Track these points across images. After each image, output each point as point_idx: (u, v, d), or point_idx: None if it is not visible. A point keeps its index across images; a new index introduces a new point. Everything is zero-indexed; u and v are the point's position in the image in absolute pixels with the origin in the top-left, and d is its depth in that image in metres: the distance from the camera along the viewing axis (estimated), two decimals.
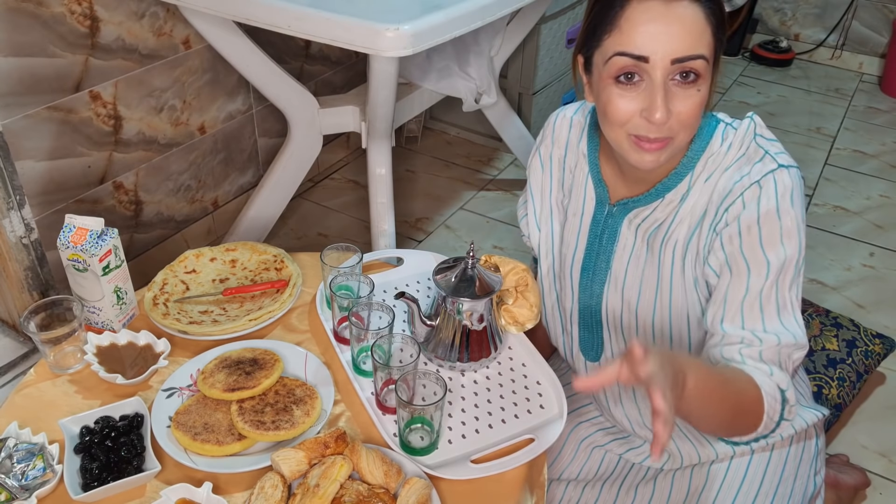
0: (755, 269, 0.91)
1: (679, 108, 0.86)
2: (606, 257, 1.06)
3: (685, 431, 1.11)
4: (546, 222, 1.15)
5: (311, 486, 0.90)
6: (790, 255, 0.91)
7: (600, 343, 1.12)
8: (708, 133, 0.97)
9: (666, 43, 0.84)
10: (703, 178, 0.96)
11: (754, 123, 0.96)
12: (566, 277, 1.12)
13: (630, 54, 0.85)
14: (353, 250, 1.23)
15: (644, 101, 0.87)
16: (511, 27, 2.17)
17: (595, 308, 1.10)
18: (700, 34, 0.85)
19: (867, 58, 3.50)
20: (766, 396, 0.89)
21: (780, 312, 0.92)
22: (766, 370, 0.90)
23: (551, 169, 1.13)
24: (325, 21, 1.31)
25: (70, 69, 1.62)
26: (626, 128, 0.90)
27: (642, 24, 0.85)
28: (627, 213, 1.03)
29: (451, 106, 2.66)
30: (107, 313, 1.15)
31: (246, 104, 2.15)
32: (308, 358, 1.13)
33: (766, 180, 0.90)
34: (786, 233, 0.90)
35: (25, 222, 1.60)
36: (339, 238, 2.28)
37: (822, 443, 1.15)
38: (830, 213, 2.49)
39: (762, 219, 0.90)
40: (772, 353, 0.91)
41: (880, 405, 1.75)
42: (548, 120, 1.15)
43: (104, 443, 0.96)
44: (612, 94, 0.89)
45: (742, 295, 0.92)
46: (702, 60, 0.85)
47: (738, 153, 0.95)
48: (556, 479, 1.19)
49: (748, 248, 0.91)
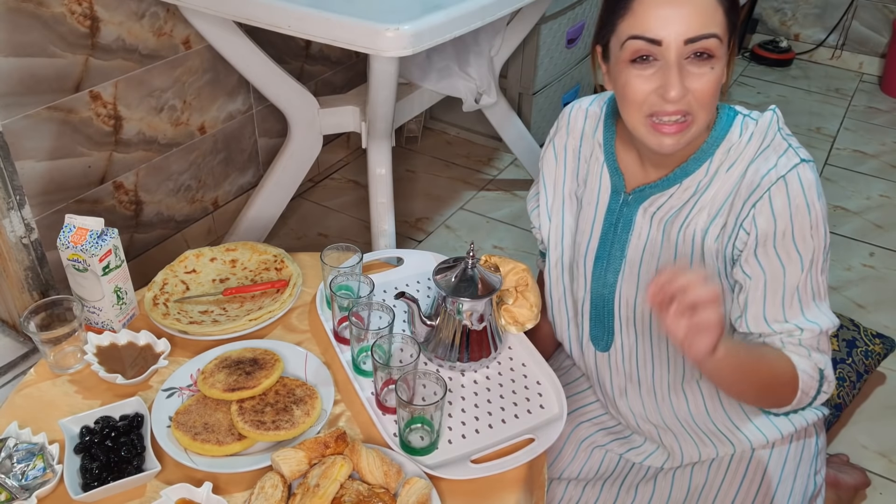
0: (790, 267, 0.94)
1: (694, 85, 0.88)
2: (621, 246, 1.07)
3: (687, 428, 1.11)
4: (557, 213, 1.16)
5: (311, 486, 0.90)
6: (819, 246, 0.95)
7: (611, 333, 1.12)
8: (727, 122, 0.98)
9: (678, 24, 0.86)
10: (724, 167, 0.97)
11: (776, 116, 0.98)
12: (579, 267, 1.13)
13: (643, 37, 0.87)
14: (353, 250, 1.23)
15: (660, 80, 0.88)
16: (511, 27, 2.17)
17: (608, 297, 1.10)
18: (712, 13, 0.87)
19: (867, 58, 3.50)
20: (801, 374, 0.95)
21: (815, 298, 0.97)
22: (805, 352, 0.96)
23: (565, 159, 1.14)
24: (325, 21, 1.31)
25: (70, 69, 1.62)
26: (644, 108, 0.91)
27: (654, 8, 0.87)
28: (643, 201, 1.03)
29: (451, 106, 2.66)
30: (107, 313, 1.15)
31: (246, 104, 2.15)
32: (308, 358, 1.13)
33: (790, 176, 0.92)
34: (814, 226, 0.93)
35: (25, 222, 1.60)
36: (339, 238, 2.28)
37: (822, 442, 1.15)
38: (830, 213, 2.49)
39: (793, 216, 0.93)
40: (812, 339, 0.96)
41: (880, 405, 1.75)
42: (563, 111, 1.16)
43: (104, 443, 0.96)
44: (629, 75, 0.90)
45: (781, 292, 0.95)
46: (714, 39, 0.87)
47: (762, 145, 0.96)
48: (557, 478, 1.19)
49: (782, 248, 0.94)
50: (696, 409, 1.09)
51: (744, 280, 0.97)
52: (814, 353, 0.96)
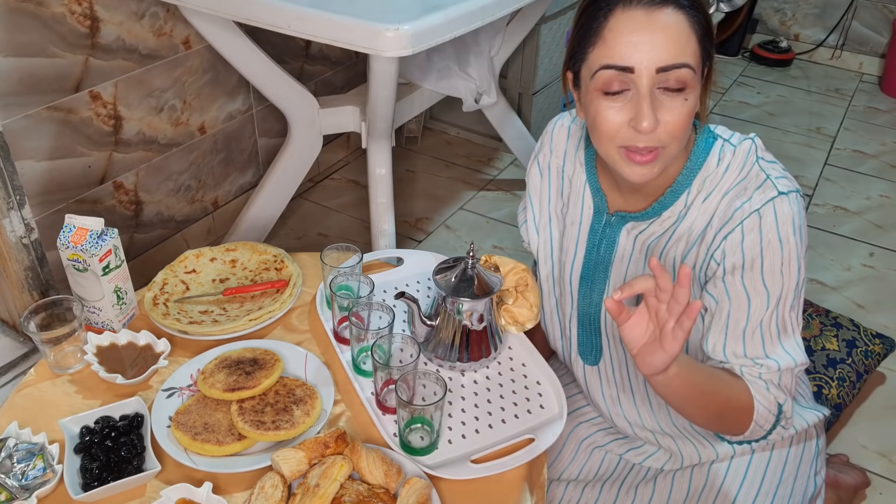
0: (755, 301, 0.92)
1: (667, 117, 0.86)
2: (605, 266, 1.06)
3: (685, 432, 1.11)
4: (545, 228, 1.15)
5: (311, 486, 0.90)
6: (790, 283, 0.92)
7: (599, 348, 1.12)
8: (704, 150, 0.96)
9: (650, 52, 0.84)
10: (700, 198, 0.96)
11: (755, 145, 0.95)
12: (566, 285, 1.13)
13: (615, 66, 0.85)
14: (353, 250, 1.23)
15: (631, 111, 0.86)
16: (511, 27, 2.17)
17: (594, 315, 1.10)
18: (685, 43, 0.85)
19: (867, 58, 3.50)
20: (757, 405, 0.92)
21: (780, 336, 0.93)
22: (763, 386, 0.93)
23: (549, 177, 1.14)
24: (325, 21, 1.31)
25: (70, 69, 1.62)
26: (616, 140, 0.89)
27: (626, 35, 0.84)
28: (625, 223, 1.03)
29: (451, 106, 2.66)
30: (107, 313, 1.15)
31: (246, 104, 2.15)
32: (308, 358, 1.13)
33: (765, 209, 0.90)
34: (786, 262, 0.91)
35: (25, 222, 1.60)
36: (339, 238, 2.28)
37: (822, 443, 1.15)
38: (830, 213, 2.49)
39: (764, 251, 0.90)
40: (771, 375, 0.93)
41: (880, 405, 1.75)
42: (546, 128, 1.15)
43: (104, 443, 0.96)
44: (600, 106, 0.89)
45: (743, 325, 0.93)
46: (687, 69, 0.85)
47: (739, 176, 0.94)
48: (556, 479, 1.19)
49: (749, 280, 0.92)
50: None
51: (710, 304, 0.95)
52: (772, 387, 0.93)
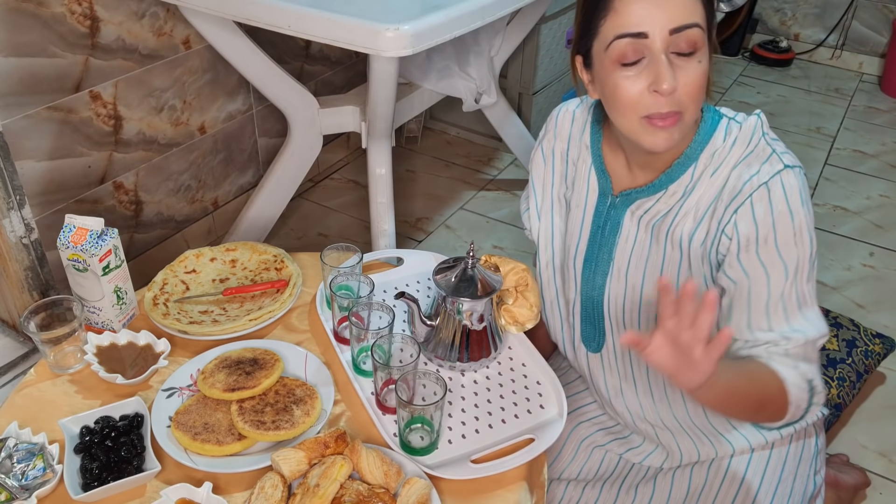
0: (773, 273, 0.93)
1: (683, 79, 0.88)
2: (609, 249, 1.07)
3: (685, 427, 1.11)
4: (547, 214, 1.16)
5: (311, 485, 0.90)
6: (804, 253, 0.93)
7: (602, 334, 1.12)
8: (711, 126, 0.97)
9: (661, 15, 0.86)
10: (708, 172, 0.97)
11: (761, 121, 0.97)
12: (569, 269, 1.13)
13: (629, 33, 0.87)
14: (353, 250, 1.23)
15: (650, 77, 0.88)
16: (511, 27, 2.17)
17: (598, 299, 1.10)
18: (693, 4, 0.87)
19: (867, 58, 3.50)
20: (791, 388, 0.92)
21: (801, 307, 0.94)
22: (791, 363, 0.93)
23: (553, 163, 1.14)
24: (325, 21, 1.31)
25: (70, 69, 1.62)
26: (638, 110, 0.90)
27: (636, 2, 0.87)
28: (630, 204, 1.03)
29: (451, 106, 2.66)
30: (107, 313, 1.15)
31: (246, 104, 2.15)
32: (308, 358, 1.13)
33: (773, 182, 0.92)
34: (798, 233, 0.92)
35: (25, 222, 1.60)
36: (339, 238, 2.28)
37: (821, 442, 1.15)
38: (830, 212, 2.49)
39: (776, 222, 0.92)
40: (798, 349, 0.94)
41: (880, 405, 1.75)
42: (550, 114, 1.15)
43: (104, 443, 0.96)
44: (617, 78, 0.90)
45: (765, 299, 0.94)
46: (698, 29, 0.87)
47: (746, 150, 0.95)
48: (556, 478, 1.19)
49: (765, 254, 0.93)
50: (694, 408, 1.09)
51: (728, 286, 0.96)
52: (801, 363, 0.94)
